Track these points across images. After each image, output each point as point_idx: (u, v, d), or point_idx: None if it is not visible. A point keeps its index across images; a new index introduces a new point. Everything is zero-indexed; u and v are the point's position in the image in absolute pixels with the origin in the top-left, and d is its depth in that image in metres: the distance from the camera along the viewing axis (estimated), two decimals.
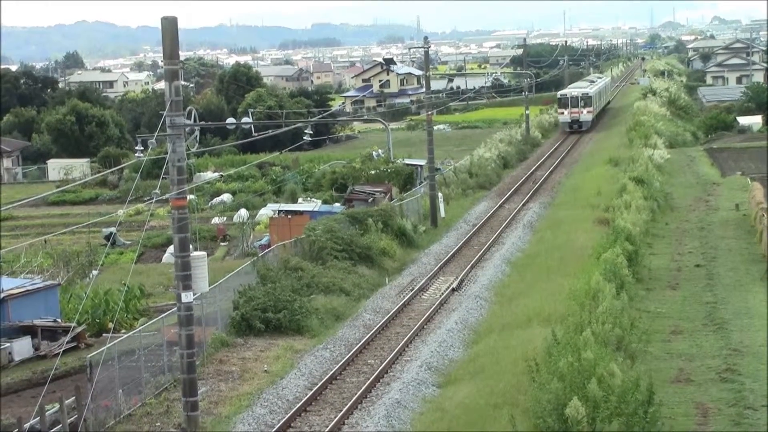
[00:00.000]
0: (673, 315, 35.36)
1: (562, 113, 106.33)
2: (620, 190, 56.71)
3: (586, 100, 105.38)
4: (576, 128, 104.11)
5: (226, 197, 77.55)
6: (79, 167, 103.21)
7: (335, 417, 27.63)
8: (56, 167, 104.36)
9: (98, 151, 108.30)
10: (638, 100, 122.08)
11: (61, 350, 35.09)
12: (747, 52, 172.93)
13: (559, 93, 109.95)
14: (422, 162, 67.60)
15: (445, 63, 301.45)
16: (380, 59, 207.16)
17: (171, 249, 49.95)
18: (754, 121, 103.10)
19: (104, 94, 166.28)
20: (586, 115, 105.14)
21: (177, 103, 26.01)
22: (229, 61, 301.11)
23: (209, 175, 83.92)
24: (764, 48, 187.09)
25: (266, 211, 64.79)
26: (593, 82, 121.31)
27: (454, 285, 42.95)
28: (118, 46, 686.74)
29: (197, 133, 27.92)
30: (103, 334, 39.31)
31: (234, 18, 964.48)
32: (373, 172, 67.42)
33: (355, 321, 38.01)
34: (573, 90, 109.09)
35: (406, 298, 41.09)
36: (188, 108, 27.70)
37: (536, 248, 49.46)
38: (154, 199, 26.16)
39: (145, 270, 54.16)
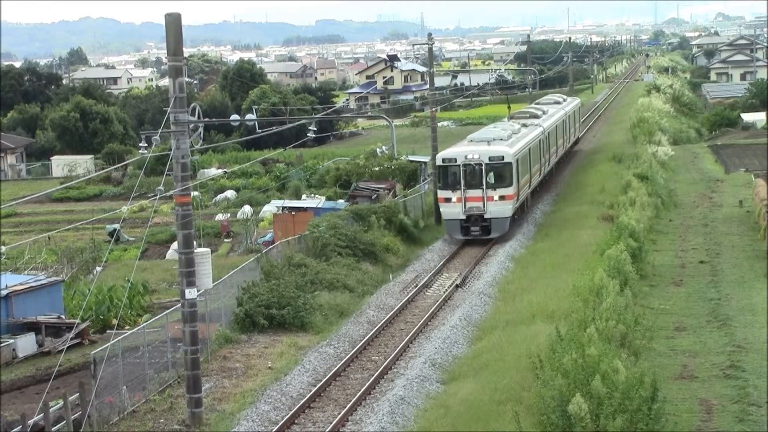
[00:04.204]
0: (676, 311, 35.35)
1: (448, 200, 50.83)
2: (624, 187, 56.74)
3: (501, 171, 50.50)
4: (476, 233, 50.38)
5: (230, 194, 77.59)
6: (83, 164, 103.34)
7: (339, 413, 27.63)
8: (60, 164, 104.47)
9: (102, 147, 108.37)
10: (642, 96, 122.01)
11: (65, 347, 35.12)
12: (751, 48, 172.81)
13: (442, 155, 51.86)
14: (426, 158, 67.58)
15: (449, 59, 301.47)
16: (384, 56, 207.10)
17: (175, 245, 50.10)
18: (758, 117, 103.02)
19: (108, 90, 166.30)
20: (498, 204, 50.15)
21: (181, 99, 26.06)
22: (233, 57, 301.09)
23: (213, 171, 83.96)
24: (767, 44, 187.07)
25: (270, 208, 64.84)
26: (535, 118, 65.34)
27: (458, 281, 42.94)
28: (122, 42, 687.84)
29: (201, 129, 27.97)
30: (107, 331, 39.37)
31: (238, 14, 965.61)
32: (376, 168, 67.42)
33: (359, 317, 38.01)
34: (473, 147, 52.02)
35: (409, 294, 41.07)
36: (192, 105, 27.75)
37: (540, 245, 49.44)
38: (158, 196, 26.20)
39: (149, 266, 54.19)
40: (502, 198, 50.30)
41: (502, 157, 50.42)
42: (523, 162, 53.48)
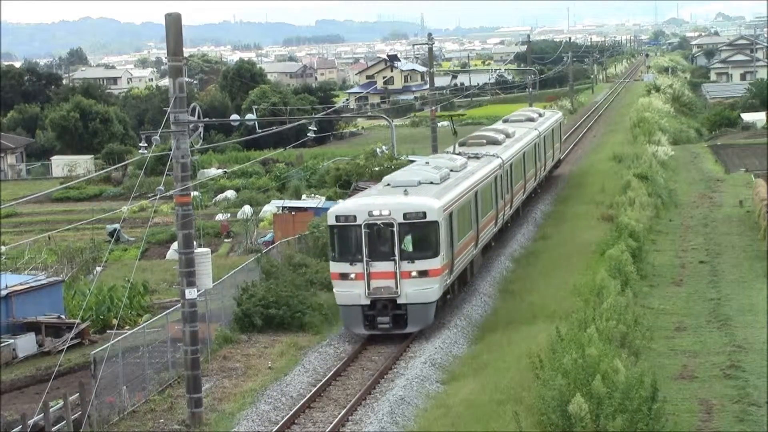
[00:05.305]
0: (677, 311, 35.34)
1: (344, 277, 34.15)
2: (624, 187, 56.72)
3: (423, 234, 33.91)
4: (385, 326, 33.90)
5: (230, 194, 77.59)
6: (83, 164, 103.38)
7: (339, 413, 27.61)
8: (60, 164, 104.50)
9: (102, 147, 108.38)
10: (642, 96, 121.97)
11: (65, 347, 35.14)
12: (751, 48, 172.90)
13: (335, 210, 35.02)
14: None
15: (449, 59, 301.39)
16: (384, 56, 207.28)
17: (175, 245, 50.08)
18: (758, 117, 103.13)
19: (108, 90, 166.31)
20: (418, 283, 33.64)
21: (181, 99, 26.07)
22: (233, 57, 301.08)
23: (213, 171, 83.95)
24: (767, 44, 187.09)
25: (270, 208, 64.85)
26: (495, 144, 50.65)
27: None
28: (122, 42, 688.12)
29: (201, 129, 27.96)
30: (107, 331, 39.37)
31: (238, 14, 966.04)
32: (376, 168, 67.20)
33: None
34: (382, 199, 35.08)
35: None
36: (192, 105, 27.73)
37: (540, 244, 49.41)
38: (158, 196, 26.21)
39: (149, 266, 54.19)
40: (423, 274, 33.75)
41: (424, 214, 33.78)
42: (462, 216, 37.52)
